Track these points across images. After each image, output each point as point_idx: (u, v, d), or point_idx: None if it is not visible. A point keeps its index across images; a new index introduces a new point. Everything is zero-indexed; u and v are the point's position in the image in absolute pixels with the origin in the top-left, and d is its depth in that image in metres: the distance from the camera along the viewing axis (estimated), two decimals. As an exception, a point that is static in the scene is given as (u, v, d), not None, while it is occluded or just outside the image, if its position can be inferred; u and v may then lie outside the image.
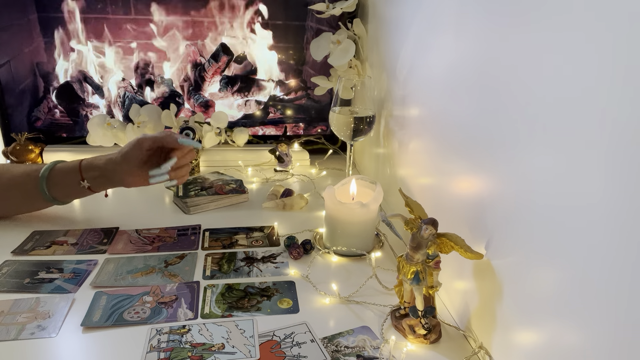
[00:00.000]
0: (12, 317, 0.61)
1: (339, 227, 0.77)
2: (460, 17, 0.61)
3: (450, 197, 0.66)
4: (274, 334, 0.59)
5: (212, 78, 1.20)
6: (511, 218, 0.50)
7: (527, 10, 0.46)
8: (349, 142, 0.95)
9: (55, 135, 1.18)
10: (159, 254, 0.77)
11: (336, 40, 1.03)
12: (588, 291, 0.39)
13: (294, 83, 1.23)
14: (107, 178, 0.80)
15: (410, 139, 0.83)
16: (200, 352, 0.56)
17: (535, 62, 0.45)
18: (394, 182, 0.91)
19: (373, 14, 1.02)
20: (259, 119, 1.25)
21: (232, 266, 0.74)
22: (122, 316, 0.61)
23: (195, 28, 1.15)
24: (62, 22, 1.10)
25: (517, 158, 0.48)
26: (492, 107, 0.54)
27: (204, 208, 0.94)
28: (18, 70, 1.11)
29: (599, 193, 0.37)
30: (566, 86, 0.41)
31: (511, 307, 0.51)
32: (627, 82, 0.34)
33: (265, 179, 1.11)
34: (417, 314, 0.59)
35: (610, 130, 0.36)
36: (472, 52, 0.58)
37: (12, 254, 0.76)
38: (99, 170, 0.79)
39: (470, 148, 0.59)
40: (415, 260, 0.57)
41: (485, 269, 0.55)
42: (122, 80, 1.18)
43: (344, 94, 0.92)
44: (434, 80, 0.71)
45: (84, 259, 0.75)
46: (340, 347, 0.58)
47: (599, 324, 0.38)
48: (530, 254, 0.47)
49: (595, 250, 0.38)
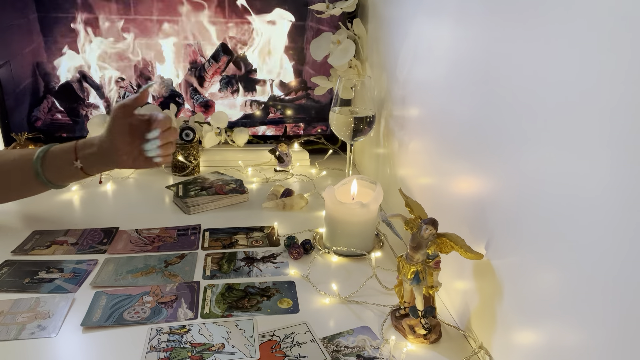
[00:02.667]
0: (12, 317, 0.61)
1: (339, 227, 0.77)
2: (460, 17, 0.61)
3: (450, 197, 0.66)
4: (274, 334, 0.59)
5: (212, 78, 1.20)
6: (511, 218, 0.50)
7: (527, 10, 0.46)
8: (349, 142, 0.95)
9: (55, 135, 1.18)
10: (159, 254, 0.77)
11: (336, 40, 1.03)
12: (588, 291, 0.39)
13: (294, 83, 1.23)
14: (101, 156, 0.79)
15: (410, 139, 0.83)
16: (200, 352, 0.56)
17: (536, 61, 0.45)
18: (394, 182, 0.91)
19: (373, 14, 1.02)
20: (259, 119, 1.25)
21: (232, 266, 0.74)
22: (122, 316, 0.61)
23: (196, 28, 1.15)
24: (62, 22, 1.10)
25: (517, 158, 0.48)
26: (492, 107, 0.54)
27: (204, 208, 0.94)
28: (18, 70, 1.11)
29: (599, 193, 0.37)
30: (566, 86, 0.41)
31: (511, 307, 0.51)
32: (629, 82, 0.34)
33: (265, 179, 1.11)
34: (417, 314, 0.59)
35: (611, 130, 0.36)
36: (472, 52, 0.58)
37: (12, 254, 0.76)
38: (92, 148, 0.79)
39: (471, 148, 0.59)
40: (415, 260, 0.57)
41: (485, 269, 0.55)
42: (122, 80, 1.18)
43: (344, 94, 0.92)
44: (434, 80, 0.71)
45: (84, 258, 0.75)
46: (340, 347, 0.58)
47: (599, 323, 0.38)
48: (531, 254, 0.47)
49: (595, 250, 0.38)
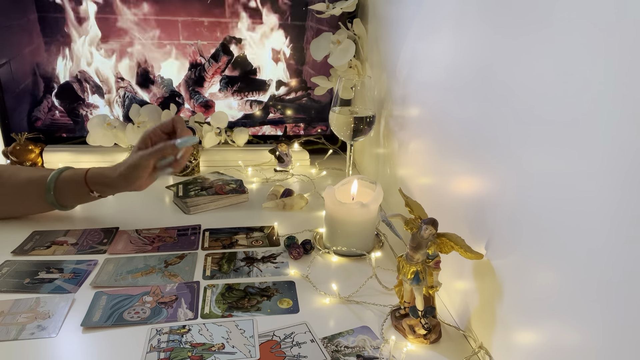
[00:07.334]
0: (12, 317, 0.61)
1: (339, 227, 0.77)
2: (460, 17, 0.61)
3: (450, 197, 0.66)
4: (274, 334, 0.59)
5: (212, 78, 1.20)
6: (511, 218, 0.50)
7: (527, 10, 0.46)
8: (349, 142, 0.95)
9: (55, 135, 1.18)
10: (159, 254, 0.77)
11: (336, 40, 1.03)
12: (588, 291, 0.39)
13: (294, 83, 1.23)
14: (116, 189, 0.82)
15: (410, 139, 0.83)
16: (200, 352, 0.56)
17: (536, 61, 0.45)
18: (394, 182, 0.91)
19: (373, 14, 1.02)
20: (259, 119, 1.24)
21: (232, 266, 0.74)
22: (122, 316, 0.61)
23: (196, 28, 1.15)
24: (63, 22, 1.10)
25: (518, 158, 0.48)
26: (492, 107, 0.54)
27: (204, 208, 0.94)
28: (18, 70, 1.11)
29: (599, 193, 0.37)
30: (566, 86, 0.41)
31: (511, 307, 0.51)
32: (628, 82, 0.34)
33: (265, 179, 1.11)
34: (417, 314, 0.59)
35: (611, 130, 0.36)
36: (472, 52, 0.58)
37: (12, 254, 0.76)
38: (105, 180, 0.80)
39: (471, 148, 0.59)
40: (415, 260, 0.57)
41: (485, 269, 0.55)
42: (122, 80, 1.18)
43: (344, 94, 0.92)
44: (434, 80, 0.71)
45: (84, 259, 0.75)
46: (340, 347, 0.57)
47: (599, 323, 0.38)
48: (531, 253, 0.47)
49: (595, 250, 0.38)
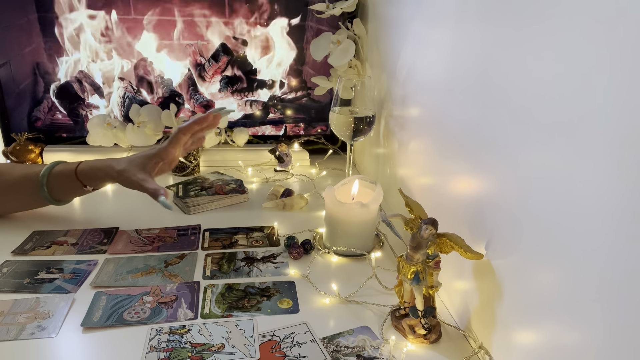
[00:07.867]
0: (12, 317, 0.61)
1: (339, 227, 0.77)
2: (460, 17, 0.61)
3: (450, 197, 0.66)
4: (274, 334, 0.59)
5: (212, 78, 1.20)
6: (511, 218, 0.50)
7: (526, 10, 0.46)
8: (349, 142, 0.95)
9: (55, 135, 1.18)
10: (159, 254, 0.77)
11: (336, 40, 1.03)
12: (588, 291, 0.39)
13: (294, 83, 1.23)
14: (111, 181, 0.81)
15: (410, 139, 0.83)
16: (200, 352, 0.56)
17: (535, 61, 0.45)
18: (394, 182, 0.91)
19: (373, 14, 1.02)
20: (259, 119, 1.24)
21: (232, 266, 0.74)
22: (122, 316, 0.61)
23: (196, 28, 1.15)
24: (62, 22, 1.10)
25: (517, 158, 0.48)
26: (492, 107, 0.54)
27: (204, 208, 0.94)
28: (18, 70, 1.11)
29: (599, 192, 0.37)
30: (566, 86, 0.41)
31: (511, 307, 0.51)
32: (627, 82, 0.34)
33: (265, 179, 1.11)
34: (417, 314, 0.59)
35: (611, 129, 0.36)
36: (472, 52, 0.58)
37: (12, 254, 0.76)
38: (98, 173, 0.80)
39: (471, 148, 0.59)
40: (415, 260, 0.57)
41: (485, 269, 0.55)
42: (122, 80, 1.18)
43: (344, 94, 0.91)
44: (434, 80, 0.71)
45: (84, 259, 0.75)
46: (340, 347, 0.57)
47: (599, 323, 0.37)
48: (530, 254, 0.47)
49: (595, 250, 0.38)
